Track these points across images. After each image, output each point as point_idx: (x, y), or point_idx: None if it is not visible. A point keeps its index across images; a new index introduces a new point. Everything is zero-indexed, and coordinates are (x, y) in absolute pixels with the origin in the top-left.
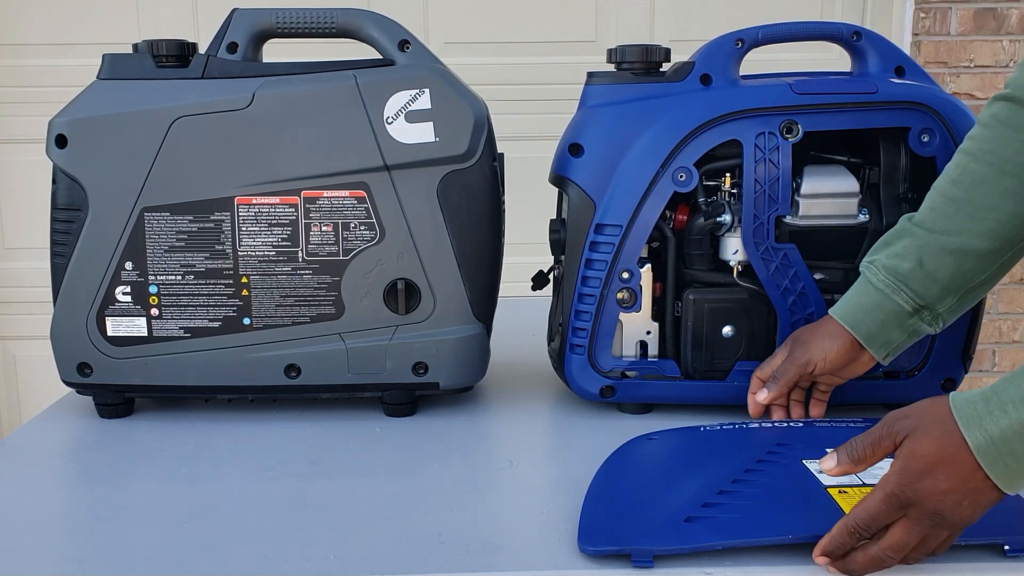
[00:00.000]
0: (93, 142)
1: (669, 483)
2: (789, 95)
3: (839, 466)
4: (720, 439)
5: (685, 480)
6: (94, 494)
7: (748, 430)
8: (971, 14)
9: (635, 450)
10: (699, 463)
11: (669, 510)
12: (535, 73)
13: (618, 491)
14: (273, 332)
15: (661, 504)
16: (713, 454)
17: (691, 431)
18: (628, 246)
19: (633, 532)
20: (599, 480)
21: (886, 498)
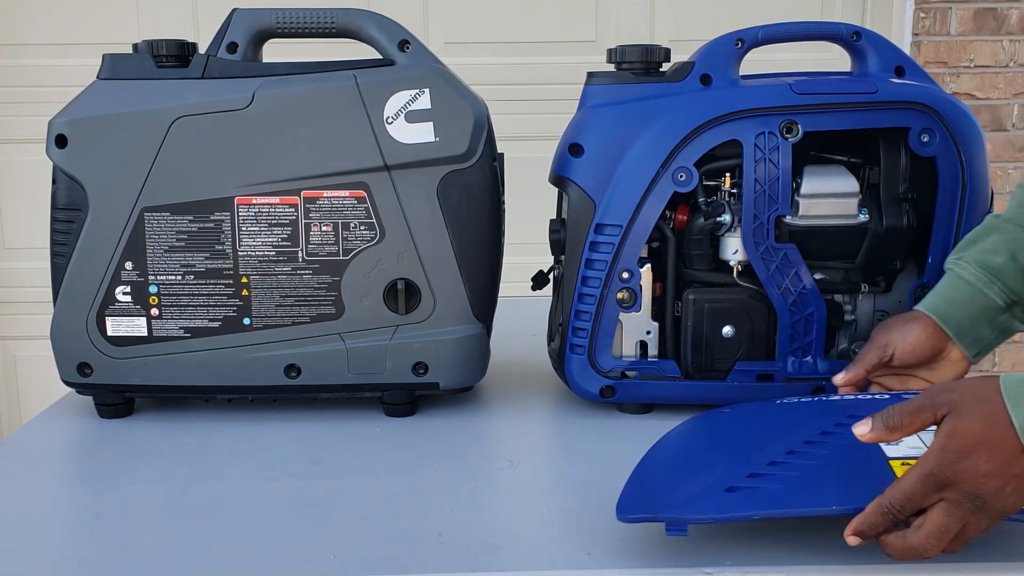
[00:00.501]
0: (93, 142)
1: (721, 454)
2: (789, 95)
3: (872, 432)
4: (792, 411)
5: (738, 451)
6: (94, 494)
7: (826, 402)
8: (971, 14)
9: (698, 423)
10: (759, 434)
11: (712, 480)
12: (535, 73)
13: (667, 462)
14: (273, 332)
15: (706, 474)
16: (777, 426)
17: (766, 404)
18: (628, 246)
19: (671, 501)
20: (651, 453)
21: (923, 477)
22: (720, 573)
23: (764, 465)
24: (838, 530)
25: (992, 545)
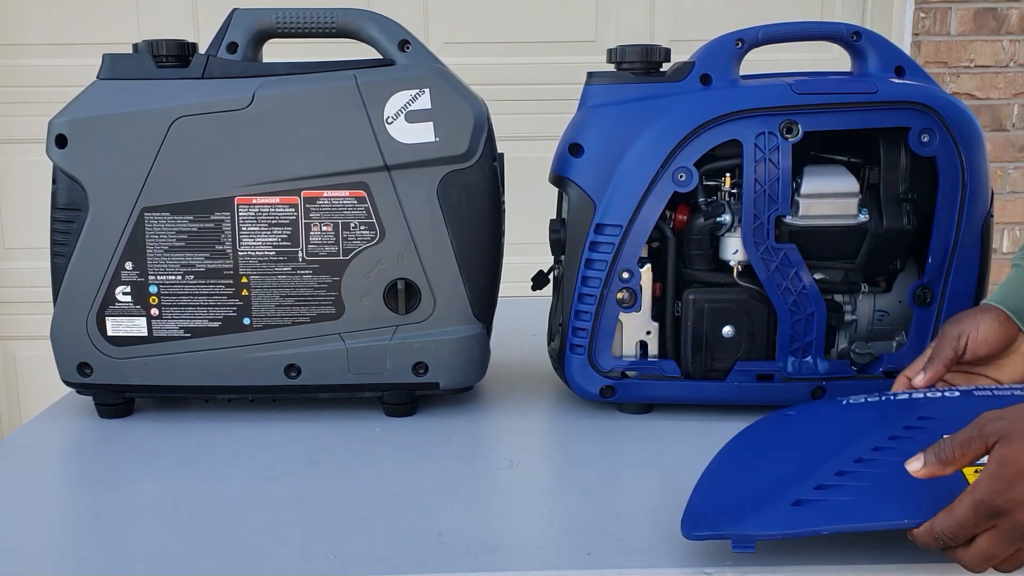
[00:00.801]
0: (93, 142)
1: (788, 463)
2: (789, 95)
3: (925, 468)
4: (859, 413)
5: (806, 460)
6: (94, 494)
7: (894, 402)
8: (971, 14)
9: (765, 426)
10: (826, 440)
11: (779, 492)
12: (535, 73)
13: (731, 472)
14: (273, 332)
15: (772, 486)
16: (845, 430)
17: (831, 404)
18: (628, 246)
19: (736, 516)
20: (716, 462)
21: (975, 505)
22: (720, 573)
23: (831, 475)
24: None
25: None
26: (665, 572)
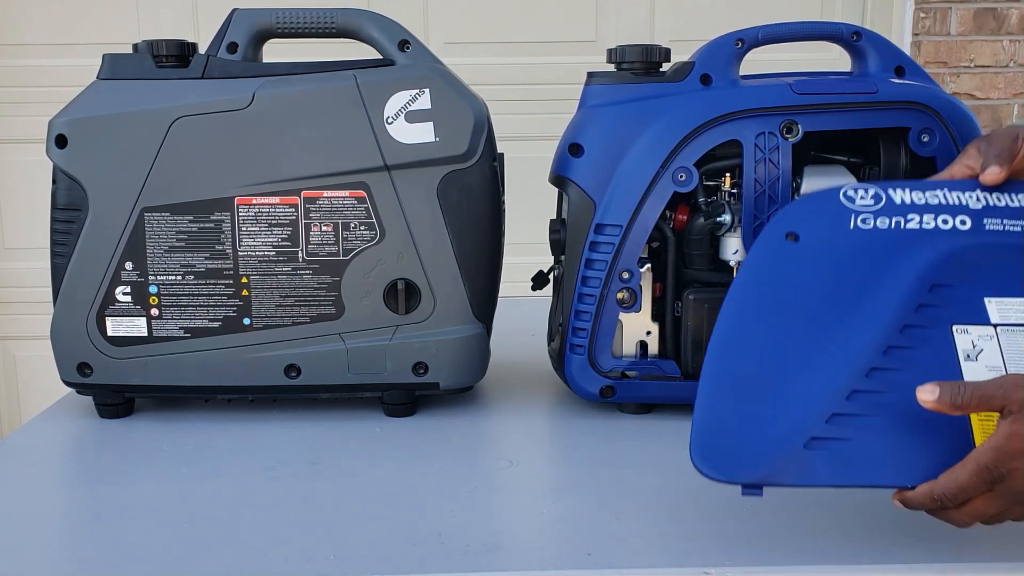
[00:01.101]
0: (93, 142)
1: (795, 364)
2: (789, 95)
3: (937, 402)
4: (869, 247)
5: (814, 361)
6: (94, 494)
7: (907, 235)
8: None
9: (766, 284)
10: (837, 320)
11: (789, 428)
12: (535, 73)
13: (738, 380)
14: (273, 332)
15: (782, 413)
16: (857, 298)
17: (839, 228)
18: (628, 246)
19: (747, 455)
20: (718, 357)
21: (978, 471)
22: (720, 573)
23: (843, 401)
24: (838, 530)
25: (991, 545)
26: (665, 572)
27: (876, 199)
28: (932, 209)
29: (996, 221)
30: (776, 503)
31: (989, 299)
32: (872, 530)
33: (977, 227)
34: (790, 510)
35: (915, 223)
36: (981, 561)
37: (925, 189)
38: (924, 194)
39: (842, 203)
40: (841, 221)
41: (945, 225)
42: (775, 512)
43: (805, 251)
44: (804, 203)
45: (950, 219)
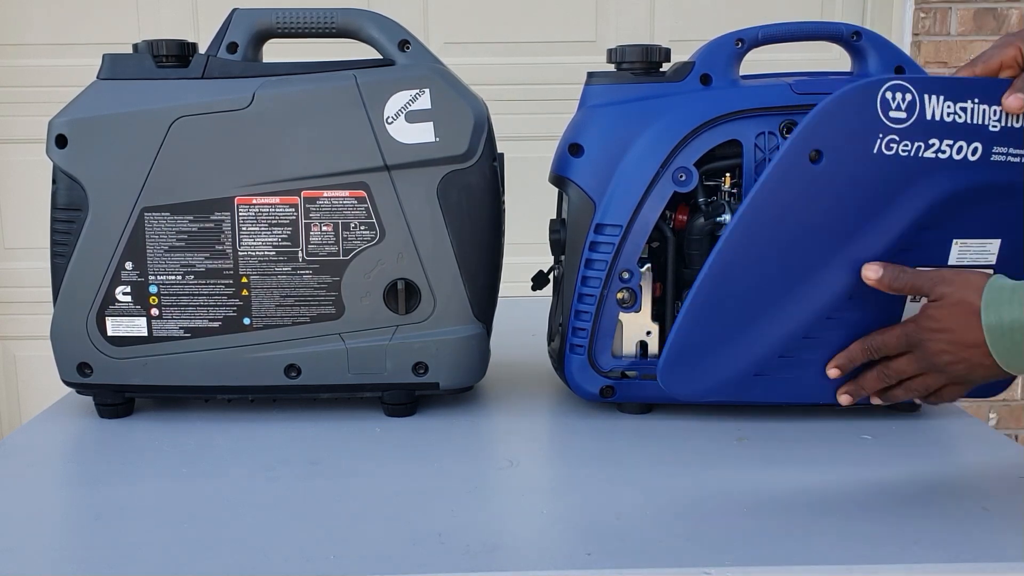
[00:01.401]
0: (93, 142)
1: (771, 309)
2: (789, 95)
3: (878, 280)
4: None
5: (787, 307)
6: (94, 494)
7: (921, 166)
8: (971, 14)
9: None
10: (822, 263)
11: (750, 358)
12: (535, 73)
13: (723, 305)
14: (273, 332)
15: (749, 346)
16: (846, 238)
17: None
18: (628, 246)
19: (705, 379)
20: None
21: (900, 334)
22: (720, 573)
23: (799, 341)
24: (838, 530)
25: (991, 545)
26: (665, 572)
27: (910, 110)
28: (953, 132)
29: (1003, 150)
30: (776, 503)
31: (956, 240)
32: (872, 530)
33: (984, 157)
34: (790, 510)
35: (933, 151)
36: (981, 561)
37: (956, 100)
38: (955, 107)
39: (877, 111)
40: (868, 141)
41: (958, 155)
42: (775, 512)
43: (822, 176)
44: (837, 109)
45: (964, 146)
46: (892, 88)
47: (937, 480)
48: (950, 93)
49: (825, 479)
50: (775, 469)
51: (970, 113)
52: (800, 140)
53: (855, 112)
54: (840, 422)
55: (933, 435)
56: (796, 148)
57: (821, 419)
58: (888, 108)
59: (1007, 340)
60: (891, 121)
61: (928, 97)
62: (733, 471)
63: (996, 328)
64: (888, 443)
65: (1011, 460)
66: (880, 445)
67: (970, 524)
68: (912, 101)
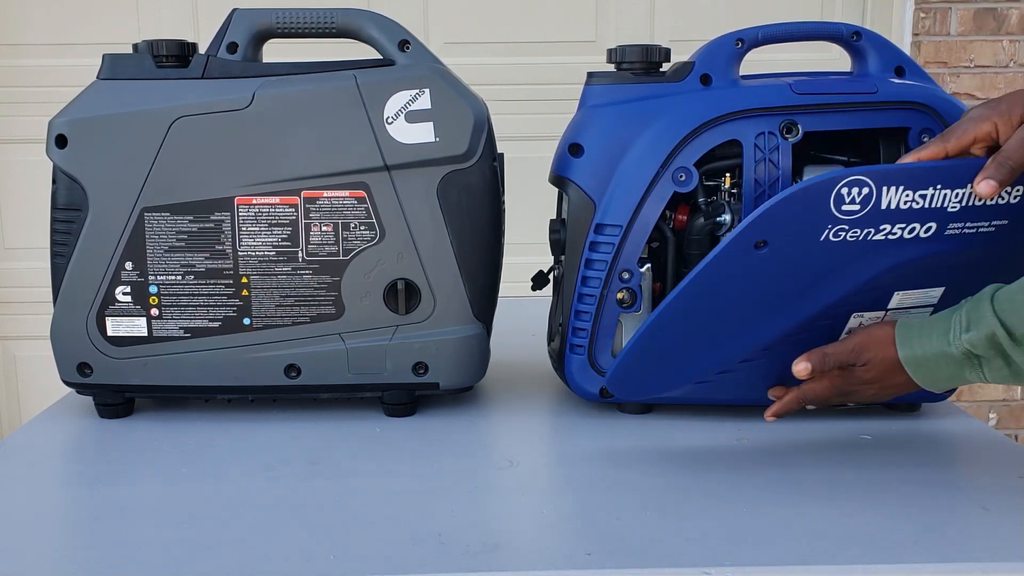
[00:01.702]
0: (93, 142)
1: (712, 345)
2: (789, 95)
3: (809, 374)
4: (829, 259)
5: (727, 343)
6: (94, 494)
7: (870, 247)
8: (971, 14)
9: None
10: (766, 317)
11: (688, 375)
12: (535, 73)
13: (667, 337)
14: (273, 332)
15: (688, 369)
16: (793, 300)
17: (810, 238)
18: (628, 246)
19: (646, 391)
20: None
21: (831, 387)
22: (720, 573)
23: (735, 363)
24: (838, 530)
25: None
26: (665, 572)
27: (865, 202)
28: (908, 216)
29: (958, 225)
30: (776, 503)
31: (899, 292)
32: (872, 530)
33: (938, 233)
34: (790, 510)
35: (883, 235)
36: (981, 561)
37: (916, 189)
38: (913, 195)
39: (829, 207)
40: (816, 231)
41: (910, 234)
42: (775, 512)
43: (767, 258)
44: (787, 208)
45: (918, 227)
46: (849, 184)
47: (937, 480)
48: (911, 183)
49: (825, 479)
50: (775, 469)
51: (929, 199)
52: (748, 231)
53: (806, 208)
54: (840, 422)
55: (933, 435)
56: (743, 238)
57: (821, 419)
58: (842, 203)
59: (924, 369)
60: (843, 214)
61: (886, 189)
62: (733, 471)
63: (912, 360)
64: (888, 443)
65: (1011, 460)
66: (880, 445)
67: (970, 524)
68: (868, 194)
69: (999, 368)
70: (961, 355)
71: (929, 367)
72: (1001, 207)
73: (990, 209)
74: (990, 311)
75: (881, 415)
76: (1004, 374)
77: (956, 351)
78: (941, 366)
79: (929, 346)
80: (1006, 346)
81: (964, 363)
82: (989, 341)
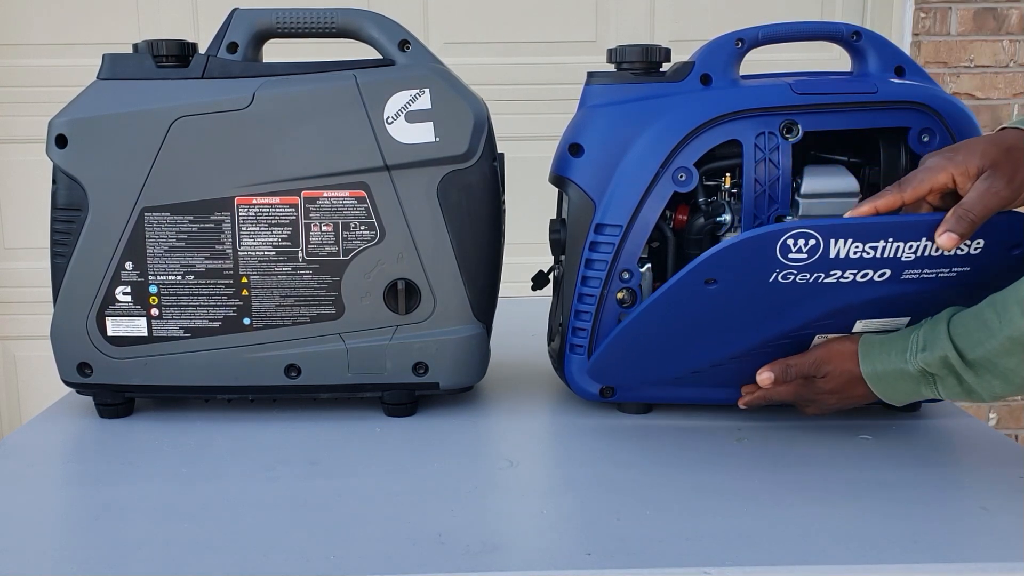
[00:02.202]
0: (93, 142)
1: (678, 354)
2: (789, 95)
3: (771, 383)
4: (780, 297)
5: (691, 354)
6: (94, 494)
7: (821, 288)
8: (971, 14)
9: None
10: (738, 323)
11: (662, 374)
12: (535, 73)
13: (645, 338)
14: (273, 332)
15: (661, 367)
16: (750, 329)
17: (758, 280)
18: (628, 246)
19: (631, 378)
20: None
21: (794, 392)
22: (720, 573)
23: (708, 367)
24: (838, 530)
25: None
26: (665, 572)
27: (812, 252)
28: (860, 264)
29: (915, 271)
30: (776, 503)
31: (861, 320)
32: (872, 530)
33: (894, 278)
34: (790, 510)
35: (834, 279)
36: (981, 561)
37: (866, 242)
38: (863, 247)
39: (775, 254)
40: (763, 274)
41: (863, 279)
42: (775, 512)
43: (717, 293)
44: (733, 254)
45: (871, 273)
46: (795, 236)
47: (937, 480)
48: (860, 236)
49: (825, 479)
50: (775, 469)
51: (881, 250)
52: (695, 272)
53: (754, 255)
54: (840, 422)
55: (933, 435)
56: (691, 278)
57: (821, 419)
58: (788, 251)
59: (883, 384)
60: (790, 260)
61: (834, 241)
62: (733, 471)
63: (873, 375)
64: (888, 443)
65: (1011, 460)
66: (880, 445)
67: (970, 524)
68: (815, 245)
69: (952, 386)
70: (917, 373)
71: (888, 382)
72: (961, 257)
73: (949, 258)
74: (945, 334)
75: (881, 415)
76: (957, 391)
77: (912, 369)
78: (899, 382)
79: (888, 363)
80: (958, 367)
81: (920, 380)
82: (942, 362)
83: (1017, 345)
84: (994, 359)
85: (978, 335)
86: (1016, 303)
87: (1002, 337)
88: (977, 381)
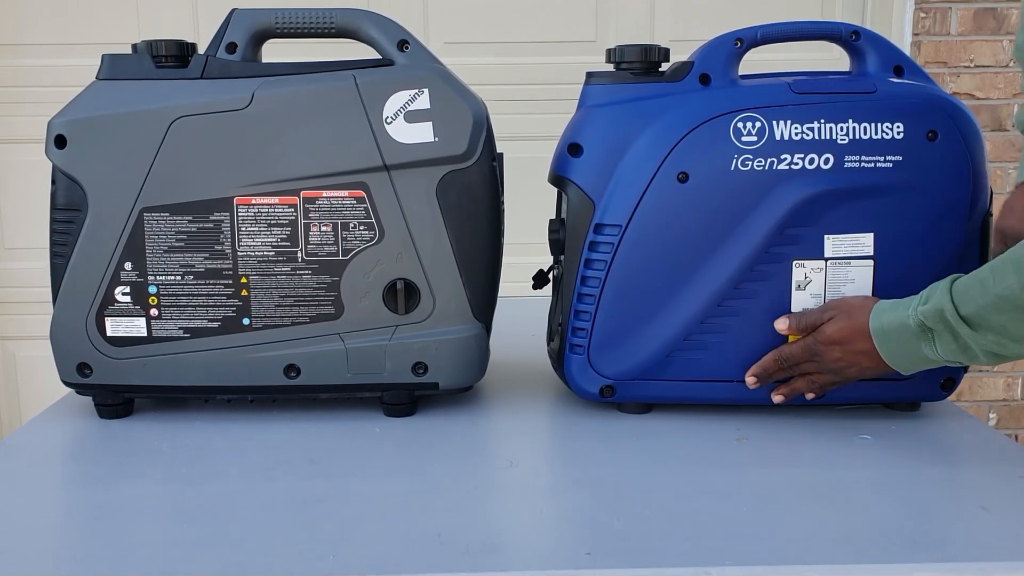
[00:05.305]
0: (93, 142)
1: (668, 300)
2: (788, 95)
3: (788, 329)
4: (742, 190)
5: (682, 297)
6: (94, 494)
7: (775, 176)
8: (971, 14)
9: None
10: (703, 262)
11: (659, 342)
12: (535, 73)
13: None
14: (273, 332)
15: (655, 334)
16: (724, 239)
17: (721, 168)
18: None
19: (624, 364)
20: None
21: (803, 346)
22: (720, 573)
23: (699, 326)
24: (838, 530)
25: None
26: (665, 572)
27: (760, 135)
28: (803, 147)
29: (855, 158)
30: (776, 503)
31: (828, 236)
32: (872, 530)
33: (837, 165)
34: (790, 510)
35: (786, 164)
36: (981, 561)
37: (803, 123)
38: (802, 127)
39: (730, 137)
40: (724, 161)
41: (811, 165)
42: (775, 512)
43: (691, 191)
44: (695, 138)
45: (816, 158)
46: (743, 119)
47: (937, 480)
48: (797, 117)
49: (825, 479)
50: (775, 469)
51: (817, 131)
52: (668, 166)
53: (713, 139)
54: (840, 422)
55: (933, 435)
56: (666, 172)
57: (821, 419)
58: (740, 135)
59: (887, 341)
60: (743, 144)
61: (776, 122)
62: (733, 471)
63: (879, 330)
64: (888, 443)
65: (1011, 460)
66: (880, 445)
67: (970, 524)
68: (762, 128)
69: (948, 342)
70: (916, 327)
71: (891, 338)
72: (887, 142)
73: (879, 144)
74: (946, 291)
75: (881, 415)
76: (952, 348)
77: (912, 323)
78: (901, 338)
79: (893, 317)
80: (952, 321)
81: (920, 335)
82: (939, 315)
83: (1007, 303)
84: (985, 315)
85: (973, 292)
86: (1011, 263)
87: (993, 295)
88: (971, 336)
